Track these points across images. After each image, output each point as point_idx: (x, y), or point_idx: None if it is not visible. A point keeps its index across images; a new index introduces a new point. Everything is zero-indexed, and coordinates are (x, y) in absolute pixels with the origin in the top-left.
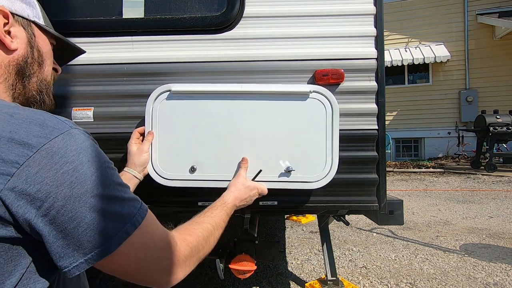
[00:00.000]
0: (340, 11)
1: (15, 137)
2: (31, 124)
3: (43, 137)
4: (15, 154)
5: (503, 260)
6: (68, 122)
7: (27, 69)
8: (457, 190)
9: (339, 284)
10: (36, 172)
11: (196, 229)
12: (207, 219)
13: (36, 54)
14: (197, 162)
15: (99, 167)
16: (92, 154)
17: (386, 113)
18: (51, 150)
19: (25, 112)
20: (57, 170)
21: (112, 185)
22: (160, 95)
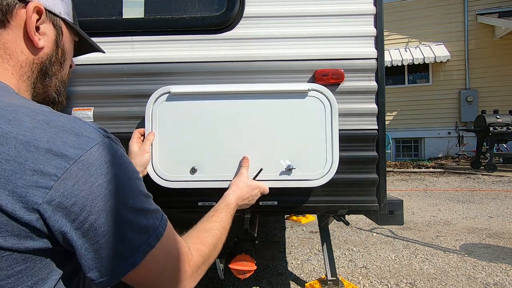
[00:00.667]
0: (340, 11)
1: (52, 148)
2: (68, 134)
3: (79, 148)
4: (53, 166)
5: (503, 260)
6: (101, 130)
7: (49, 68)
8: (457, 190)
9: (339, 284)
10: (73, 185)
11: (207, 237)
12: (215, 224)
13: (60, 53)
14: (197, 163)
15: (129, 179)
16: (124, 165)
17: (386, 113)
18: (87, 162)
19: (60, 120)
20: (93, 182)
21: (139, 197)
22: (160, 97)
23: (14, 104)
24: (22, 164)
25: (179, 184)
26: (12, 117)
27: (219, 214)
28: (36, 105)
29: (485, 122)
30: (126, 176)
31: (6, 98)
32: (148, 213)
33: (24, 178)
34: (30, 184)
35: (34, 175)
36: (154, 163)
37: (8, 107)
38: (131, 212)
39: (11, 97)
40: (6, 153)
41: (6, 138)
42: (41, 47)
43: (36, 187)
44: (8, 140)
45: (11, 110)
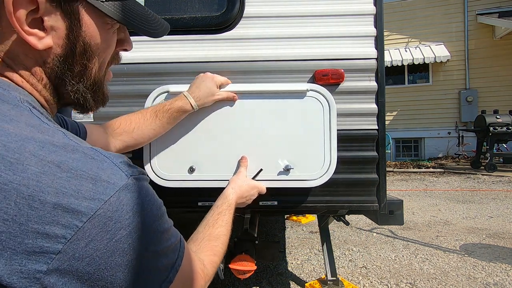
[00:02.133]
0: (340, 11)
1: (62, 201)
2: (82, 180)
3: (96, 199)
4: (62, 226)
5: (503, 260)
6: (124, 166)
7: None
8: (457, 190)
9: (339, 284)
10: (86, 245)
11: (218, 246)
12: (222, 230)
13: (79, 50)
14: (195, 162)
15: (152, 223)
16: (147, 209)
17: (386, 113)
18: (105, 216)
19: (74, 159)
20: (110, 239)
21: (160, 239)
22: (158, 96)
23: (21, 137)
24: (23, 225)
25: (177, 184)
26: (15, 159)
27: (223, 217)
28: (49, 131)
29: (485, 122)
30: (149, 222)
31: (13, 125)
32: (168, 251)
33: (25, 243)
34: (33, 250)
35: (37, 239)
36: (152, 163)
37: (13, 143)
38: (151, 258)
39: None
40: (4, 211)
41: (5, 190)
42: (46, 48)
43: (40, 253)
44: (8, 194)
45: (16, 148)
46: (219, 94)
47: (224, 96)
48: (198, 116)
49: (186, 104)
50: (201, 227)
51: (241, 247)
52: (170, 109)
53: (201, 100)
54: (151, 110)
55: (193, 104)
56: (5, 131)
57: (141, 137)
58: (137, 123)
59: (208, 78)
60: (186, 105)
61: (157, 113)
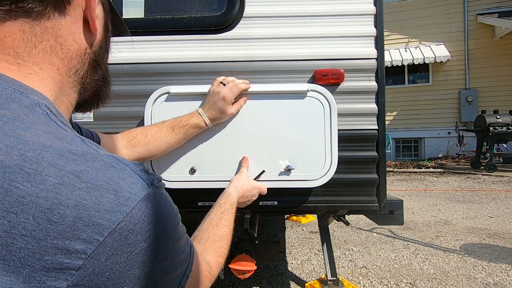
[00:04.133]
0: (340, 11)
1: (82, 215)
2: (103, 191)
3: (117, 211)
4: (83, 241)
5: (503, 260)
6: (144, 175)
7: (101, 58)
8: (457, 190)
9: (339, 284)
10: (106, 260)
11: (223, 247)
12: (226, 230)
13: (108, 38)
14: (197, 163)
15: (171, 233)
16: (167, 219)
17: (386, 113)
18: (127, 229)
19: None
20: (131, 252)
21: (178, 250)
22: (159, 97)
23: (39, 146)
24: (43, 241)
25: (179, 184)
26: (33, 170)
27: (226, 217)
28: (67, 137)
29: (485, 122)
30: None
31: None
32: (182, 259)
33: (44, 260)
34: (52, 267)
35: (57, 255)
36: (153, 163)
37: (30, 152)
38: (169, 268)
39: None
40: (22, 226)
41: (23, 204)
42: (96, 32)
43: (60, 269)
44: (26, 207)
45: (34, 158)
46: (231, 112)
47: (235, 112)
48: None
49: (201, 121)
50: (205, 225)
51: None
52: (186, 125)
53: (215, 120)
54: (167, 124)
55: (207, 122)
56: (23, 139)
57: (155, 149)
58: (153, 136)
59: (220, 100)
60: (201, 122)
61: (174, 128)
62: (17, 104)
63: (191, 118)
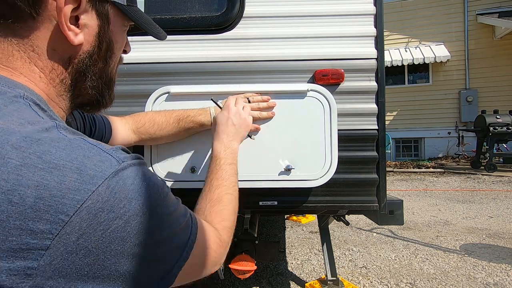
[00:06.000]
0: (340, 11)
1: (43, 195)
2: (66, 170)
3: (81, 190)
4: (46, 221)
5: (503, 260)
6: (115, 152)
7: (90, 68)
8: (457, 190)
9: (339, 284)
10: (77, 239)
11: (224, 209)
12: (222, 190)
13: (104, 47)
14: (197, 162)
15: (154, 208)
16: (146, 194)
17: (386, 113)
18: (94, 208)
19: (58, 147)
20: (105, 230)
21: (168, 224)
22: (159, 97)
23: (7, 131)
24: (5, 222)
25: (179, 184)
26: None
27: (216, 176)
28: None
29: (485, 122)
30: (149, 207)
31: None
32: (178, 232)
33: (9, 240)
34: (19, 248)
35: (21, 236)
36: (153, 162)
37: None
38: (159, 242)
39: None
40: None
41: None
42: (79, 44)
43: (27, 250)
44: None
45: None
46: None
47: None
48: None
49: (208, 121)
50: (200, 196)
51: (241, 247)
52: (192, 121)
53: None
54: (175, 115)
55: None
56: None
57: (159, 138)
58: (160, 126)
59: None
60: (208, 122)
61: (180, 121)
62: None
63: (199, 115)
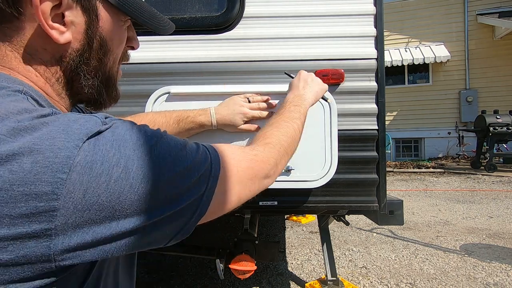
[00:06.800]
0: (340, 11)
1: (38, 158)
2: (55, 133)
3: (69, 147)
4: (47, 183)
5: (503, 260)
6: (97, 116)
7: (82, 67)
8: (457, 190)
9: (339, 284)
10: (84, 195)
11: (273, 131)
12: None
13: (96, 45)
14: None
15: (151, 147)
16: (134, 139)
17: (386, 113)
18: (86, 161)
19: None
20: (108, 180)
21: (175, 159)
22: (159, 97)
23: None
24: (10, 191)
25: None
26: None
27: (276, 113)
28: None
29: (485, 122)
30: (145, 150)
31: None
32: (194, 167)
33: (18, 207)
34: (30, 212)
35: (28, 201)
36: None
37: None
38: (173, 184)
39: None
40: None
41: None
42: (66, 42)
43: (38, 213)
44: None
45: None
46: (240, 128)
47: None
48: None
49: (208, 122)
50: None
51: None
52: (192, 121)
53: (223, 126)
54: (175, 116)
55: (214, 124)
56: None
57: None
58: (160, 126)
59: (239, 113)
60: (208, 122)
61: (179, 122)
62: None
63: (199, 116)
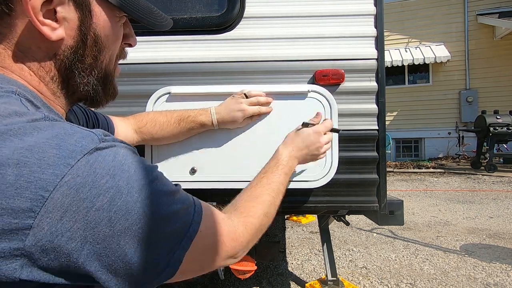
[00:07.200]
0: (340, 11)
1: (23, 172)
2: (46, 147)
3: (60, 164)
4: (26, 199)
5: (503, 260)
6: (95, 133)
7: (76, 64)
8: (457, 190)
9: (340, 284)
10: (61, 218)
11: (256, 206)
12: (265, 189)
13: (91, 42)
14: (197, 163)
15: (143, 186)
16: (131, 172)
17: (386, 113)
18: (75, 183)
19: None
20: (89, 208)
21: (161, 204)
22: (160, 98)
23: None
24: None
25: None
26: None
27: (269, 175)
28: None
29: (485, 122)
30: (137, 185)
31: None
32: (176, 215)
33: None
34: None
35: (3, 215)
36: (153, 162)
37: None
38: (152, 225)
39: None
40: None
41: None
42: (59, 39)
43: (10, 230)
44: None
45: None
46: (241, 124)
47: (244, 125)
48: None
49: (209, 121)
50: (243, 189)
51: None
52: (193, 121)
53: (224, 125)
54: (176, 115)
55: (215, 123)
56: None
57: (160, 138)
58: (161, 125)
59: (239, 110)
60: (209, 122)
61: (180, 121)
62: None
63: (199, 115)
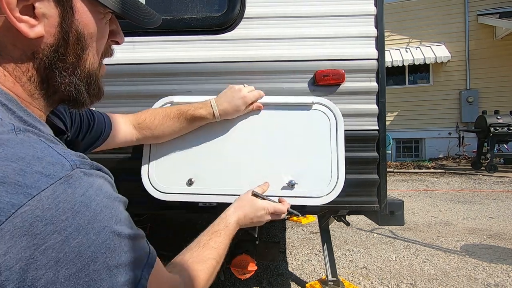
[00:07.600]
0: (340, 11)
1: None
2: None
3: (20, 193)
4: None
5: (504, 261)
6: (71, 156)
7: (57, 63)
8: (457, 190)
9: (340, 284)
10: (6, 252)
11: (203, 270)
12: (212, 252)
13: (73, 39)
14: (195, 174)
15: (103, 229)
16: (97, 210)
17: (386, 113)
18: (31, 215)
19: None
20: (38, 245)
21: (116, 250)
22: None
23: None
24: None
25: (175, 197)
26: None
27: (216, 238)
28: None
29: (486, 122)
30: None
31: None
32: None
33: None
34: None
35: None
36: (150, 173)
37: None
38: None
39: None
40: None
41: None
42: (38, 37)
43: None
44: None
45: None
46: (244, 112)
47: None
48: (199, 128)
49: (209, 114)
50: (191, 245)
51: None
52: (193, 114)
53: (226, 115)
54: (175, 110)
55: (217, 115)
56: None
57: (161, 134)
58: (161, 120)
59: (240, 98)
60: (209, 115)
61: (180, 116)
62: None
63: (199, 109)
